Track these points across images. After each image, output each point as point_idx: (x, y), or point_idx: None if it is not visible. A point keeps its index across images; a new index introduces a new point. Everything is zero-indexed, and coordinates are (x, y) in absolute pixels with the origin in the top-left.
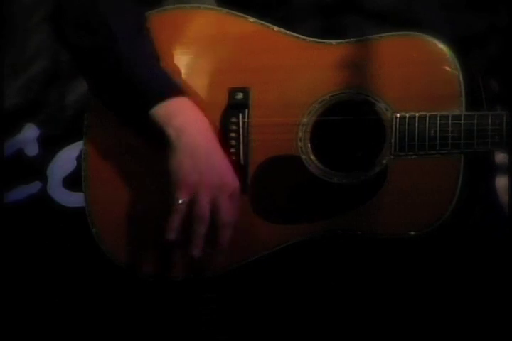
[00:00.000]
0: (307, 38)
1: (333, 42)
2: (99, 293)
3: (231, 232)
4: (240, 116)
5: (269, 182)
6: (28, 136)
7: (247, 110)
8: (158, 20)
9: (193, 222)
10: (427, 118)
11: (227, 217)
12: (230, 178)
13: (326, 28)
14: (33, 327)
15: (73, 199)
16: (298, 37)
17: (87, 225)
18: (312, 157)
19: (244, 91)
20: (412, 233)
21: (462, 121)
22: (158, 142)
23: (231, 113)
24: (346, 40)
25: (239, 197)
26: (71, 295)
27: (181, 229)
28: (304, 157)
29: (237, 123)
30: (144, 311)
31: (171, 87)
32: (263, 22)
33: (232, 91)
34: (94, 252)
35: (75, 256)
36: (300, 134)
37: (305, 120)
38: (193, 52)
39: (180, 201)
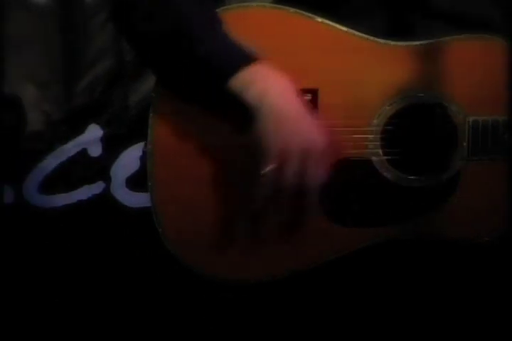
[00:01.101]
0: (376, 38)
1: (403, 43)
2: (163, 293)
3: (316, 196)
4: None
5: (339, 186)
6: (92, 136)
7: (316, 111)
8: (223, 19)
9: (279, 188)
10: (500, 123)
11: (314, 181)
12: (315, 140)
13: (392, 27)
14: (98, 326)
15: (136, 199)
16: (367, 37)
17: (150, 225)
18: (383, 160)
19: (313, 92)
20: (485, 238)
21: None
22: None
23: None
24: (417, 42)
25: (328, 158)
26: (134, 295)
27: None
28: (374, 160)
29: None
30: (204, 311)
31: (246, 55)
32: (330, 22)
33: (301, 93)
34: (158, 252)
35: (137, 256)
36: (371, 137)
37: (376, 122)
38: (260, 53)
39: (267, 168)
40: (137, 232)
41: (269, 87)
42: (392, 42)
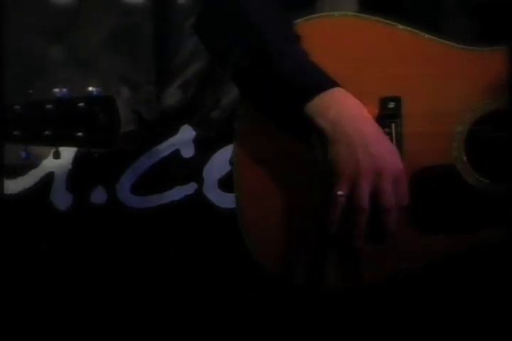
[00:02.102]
0: (459, 44)
1: (486, 49)
2: (246, 295)
3: (396, 217)
4: (393, 126)
5: (424, 193)
6: (185, 137)
7: (399, 120)
8: (305, 29)
9: (354, 212)
10: None
11: (390, 202)
12: (389, 162)
13: (479, 30)
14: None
15: (229, 200)
16: (449, 44)
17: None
18: (468, 166)
19: (396, 100)
20: None
21: None
22: (310, 141)
23: (383, 123)
24: (500, 47)
25: (404, 179)
26: (218, 296)
27: (342, 222)
28: (459, 166)
29: (390, 134)
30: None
31: (326, 79)
32: (412, 29)
33: (384, 101)
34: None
35: (229, 257)
36: (455, 143)
37: (459, 129)
38: (343, 61)
39: (339, 193)
40: (229, 233)
41: (343, 111)
42: (474, 48)
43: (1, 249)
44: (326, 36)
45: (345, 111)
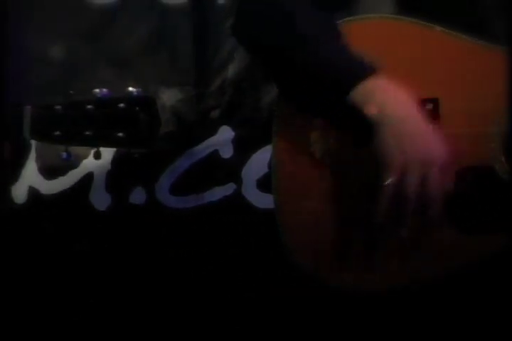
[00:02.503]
0: (495, 45)
1: None
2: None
3: (441, 208)
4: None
5: (462, 193)
6: (224, 137)
7: (438, 121)
8: (343, 31)
9: (401, 201)
10: None
11: (436, 192)
12: (436, 151)
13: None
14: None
15: (267, 200)
16: (486, 44)
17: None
18: (507, 167)
19: (434, 101)
20: None
21: None
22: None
23: None
24: None
25: (450, 168)
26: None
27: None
28: (497, 167)
29: None
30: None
31: (367, 67)
32: (449, 30)
33: (423, 103)
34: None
35: (267, 257)
36: (492, 144)
37: (497, 130)
38: (383, 63)
39: (387, 182)
40: (267, 233)
41: (388, 99)
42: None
43: (42, 249)
44: (363, 38)
45: (390, 97)
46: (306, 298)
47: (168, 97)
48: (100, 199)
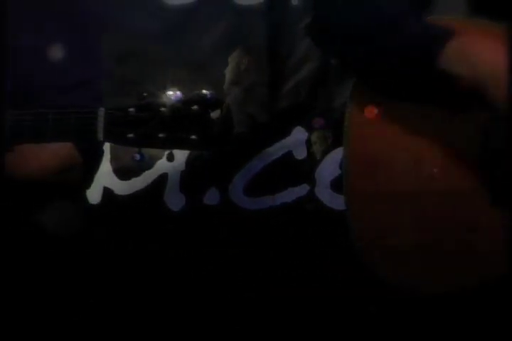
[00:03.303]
0: None
1: None
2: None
3: None
4: None
5: None
6: (297, 138)
7: None
8: None
9: None
10: None
11: None
12: None
13: None
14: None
15: (341, 201)
16: None
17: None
18: None
19: None
20: None
21: None
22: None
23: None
24: None
25: None
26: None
27: None
28: None
29: None
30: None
31: (447, 30)
32: None
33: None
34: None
35: (338, 258)
36: None
37: None
38: None
39: None
40: (340, 234)
41: (478, 52)
42: None
43: (116, 250)
44: None
45: (480, 51)
46: (374, 298)
47: (242, 98)
48: (174, 200)
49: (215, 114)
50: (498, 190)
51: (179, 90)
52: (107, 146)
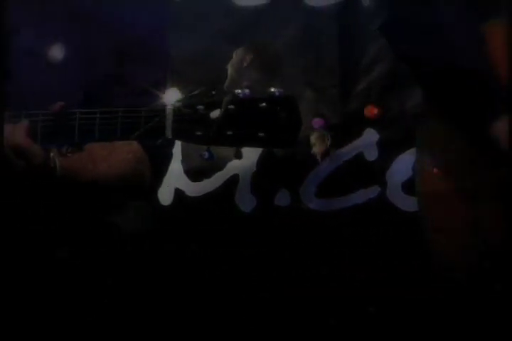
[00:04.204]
0: None
1: None
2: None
3: None
4: None
5: None
6: (369, 140)
7: None
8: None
9: None
10: None
11: None
12: None
13: None
14: None
15: (413, 203)
16: None
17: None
18: None
19: None
20: None
21: None
22: None
23: None
24: None
25: None
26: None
27: None
28: None
29: None
30: None
31: None
32: None
33: None
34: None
35: (409, 258)
36: None
37: None
38: None
39: None
40: (413, 236)
41: None
42: None
43: (187, 250)
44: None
45: None
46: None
47: (313, 99)
48: (245, 201)
49: (214, 114)
50: None
51: (248, 88)
52: (178, 147)
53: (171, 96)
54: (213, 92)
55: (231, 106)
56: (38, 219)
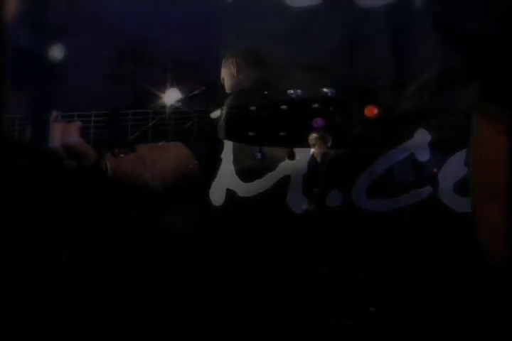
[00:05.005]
0: None
1: None
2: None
3: None
4: None
5: None
6: (420, 140)
7: None
8: None
9: None
10: None
11: None
12: None
13: None
14: None
15: (465, 204)
16: None
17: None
18: None
19: None
20: None
21: None
22: None
23: None
24: None
25: None
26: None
27: None
28: None
29: None
30: None
31: None
32: None
33: None
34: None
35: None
36: None
37: None
38: None
39: None
40: (464, 236)
41: None
42: None
43: (238, 251)
44: None
45: None
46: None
47: (363, 99)
48: (297, 202)
49: (214, 114)
50: None
51: (300, 89)
52: (229, 147)
53: (223, 99)
54: (266, 93)
55: (284, 107)
56: (87, 219)
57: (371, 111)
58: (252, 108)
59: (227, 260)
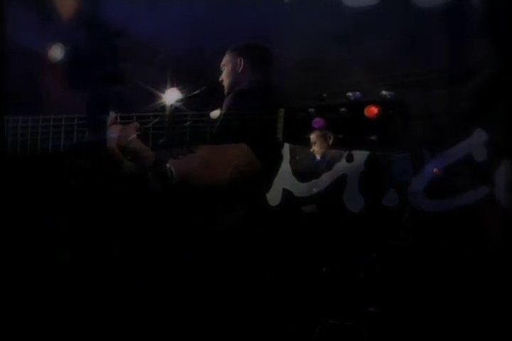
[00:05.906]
0: None
1: None
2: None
3: None
4: None
5: None
6: (477, 140)
7: None
8: None
9: None
10: None
11: None
12: None
13: None
14: None
15: None
16: None
17: None
18: None
19: None
20: None
21: None
22: None
23: None
24: None
25: None
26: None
27: None
28: None
29: None
30: None
31: None
32: None
33: None
34: None
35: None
36: None
37: None
38: None
39: None
40: None
41: None
42: None
43: (294, 250)
44: None
45: None
46: None
47: (420, 99)
48: (354, 201)
49: (214, 114)
50: None
51: (359, 91)
52: (286, 148)
53: (284, 101)
54: (324, 95)
55: (342, 109)
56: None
57: (371, 111)
58: (311, 110)
59: (283, 257)
